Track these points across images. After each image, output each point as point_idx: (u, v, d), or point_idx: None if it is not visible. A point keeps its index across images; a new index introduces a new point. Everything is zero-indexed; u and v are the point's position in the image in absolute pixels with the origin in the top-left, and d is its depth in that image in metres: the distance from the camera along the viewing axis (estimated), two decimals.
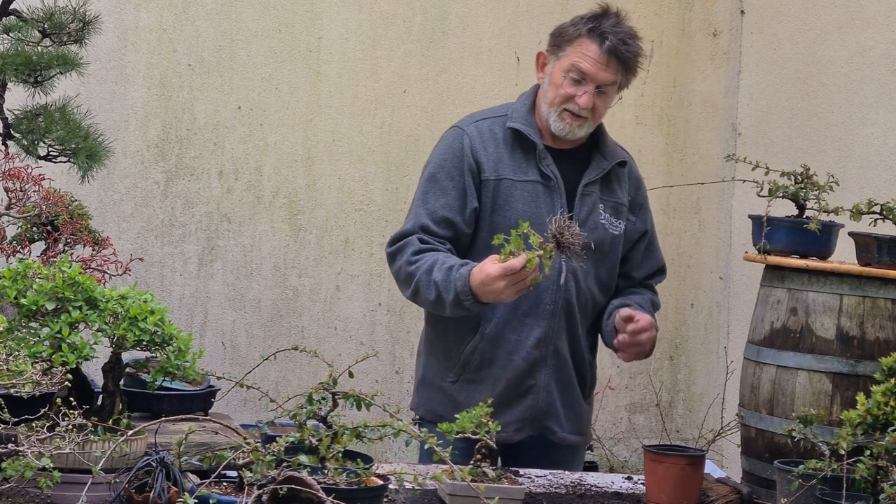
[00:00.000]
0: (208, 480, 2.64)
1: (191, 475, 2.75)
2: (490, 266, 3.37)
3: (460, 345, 3.69)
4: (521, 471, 3.52)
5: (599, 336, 3.84)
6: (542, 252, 3.27)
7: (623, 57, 3.62)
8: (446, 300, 3.50)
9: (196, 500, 2.55)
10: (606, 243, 3.72)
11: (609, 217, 3.73)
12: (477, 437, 3.02)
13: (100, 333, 2.77)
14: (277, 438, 2.72)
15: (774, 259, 3.32)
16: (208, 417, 3.19)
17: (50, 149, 3.62)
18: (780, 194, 3.36)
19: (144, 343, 2.80)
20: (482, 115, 3.79)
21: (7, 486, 2.59)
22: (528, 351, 3.64)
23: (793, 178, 3.40)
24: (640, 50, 3.68)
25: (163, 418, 2.84)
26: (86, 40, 3.71)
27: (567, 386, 3.71)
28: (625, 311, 3.60)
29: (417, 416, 3.76)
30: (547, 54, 3.71)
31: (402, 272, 3.61)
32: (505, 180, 3.65)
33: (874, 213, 3.35)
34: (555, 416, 3.69)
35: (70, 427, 2.65)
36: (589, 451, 5.19)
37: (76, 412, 2.67)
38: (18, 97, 3.69)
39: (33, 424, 2.70)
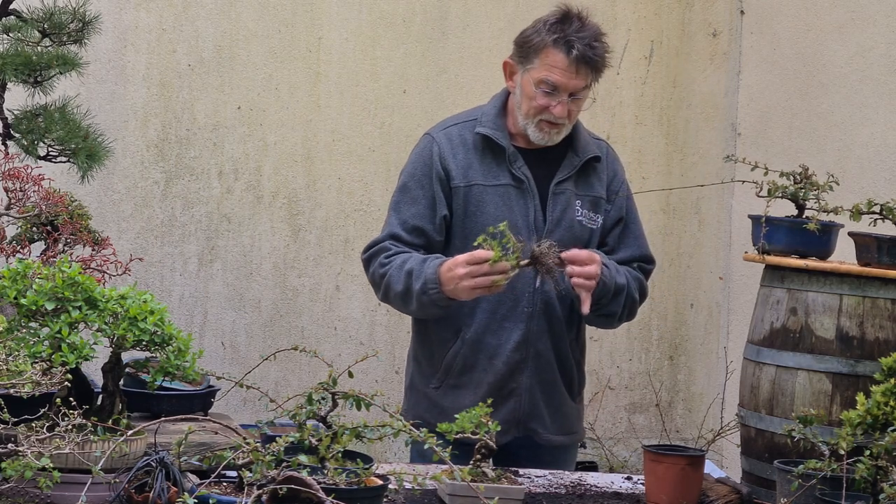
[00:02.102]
0: (208, 480, 2.64)
1: (191, 475, 2.75)
2: (461, 255, 3.44)
3: (443, 350, 3.71)
4: (521, 471, 3.52)
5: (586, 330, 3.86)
6: (513, 256, 3.29)
7: (591, 62, 3.59)
8: (414, 288, 3.53)
9: (196, 500, 2.55)
10: (584, 240, 3.70)
11: (587, 213, 3.71)
12: (476, 437, 3.02)
13: (100, 333, 2.78)
14: (277, 438, 2.72)
15: (774, 259, 3.32)
16: (208, 417, 3.19)
17: (50, 149, 3.62)
18: (780, 194, 3.36)
19: (144, 343, 2.80)
20: (453, 120, 3.79)
21: (7, 486, 2.59)
22: (508, 354, 3.65)
23: (792, 178, 3.40)
24: (607, 48, 3.65)
25: (163, 418, 2.84)
26: (86, 40, 3.71)
27: (551, 387, 3.71)
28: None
29: None
30: (514, 63, 3.68)
31: (375, 275, 3.67)
32: (476, 186, 3.65)
33: (874, 213, 3.35)
34: (539, 417, 3.69)
35: (70, 427, 2.65)
36: (582, 448, 5.18)
37: (76, 412, 2.67)
38: (18, 97, 3.69)
39: (33, 424, 2.70)
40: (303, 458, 2.70)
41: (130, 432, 2.73)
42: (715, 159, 5.67)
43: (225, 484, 2.77)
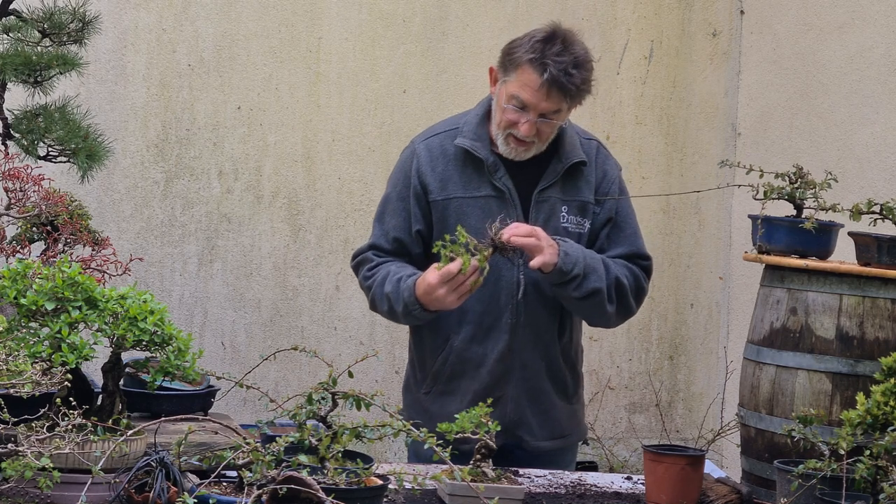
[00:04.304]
0: (208, 480, 2.64)
1: (191, 475, 2.75)
2: (430, 275, 3.45)
3: (433, 357, 3.72)
4: (521, 471, 3.52)
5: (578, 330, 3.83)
6: (478, 255, 3.33)
7: (564, 88, 3.50)
8: (398, 311, 3.59)
9: (196, 500, 2.55)
10: None
11: (574, 218, 3.66)
12: (476, 437, 3.03)
13: (100, 333, 2.78)
14: (277, 438, 2.73)
15: (774, 259, 3.32)
16: (208, 417, 3.19)
17: (50, 149, 3.62)
18: (776, 196, 3.36)
19: (144, 343, 2.80)
20: (438, 128, 3.76)
21: (7, 486, 2.59)
22: (492, 364, 3.64)
23: (787, 178, 3.40)
24: (586, 76, 3.55)
25: (163, 418, 2.84)
26: (86, 40, 3.71)
27: (539, 395, 3.70)
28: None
29: None
30: (497, 71, 3.63)
31: (362, 286, 3.74)
32: (455, 199, 3.63)
33: (874, 212, 3.35)
34: (526, 425, 3.67)
35: (70, 427, 2.65)
36: (583, 446, 5.16)
37: (76, 412, 2.67)
38: (18, 97, 3.70)
39: (33, 424, 2.70)
40: (303, 458, 2.70)
41: (130, 432, 2.73)
42: (715, 159, 5.67)
43: (225, 484, 2.77)
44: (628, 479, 3.56)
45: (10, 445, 2.61)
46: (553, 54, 3.50)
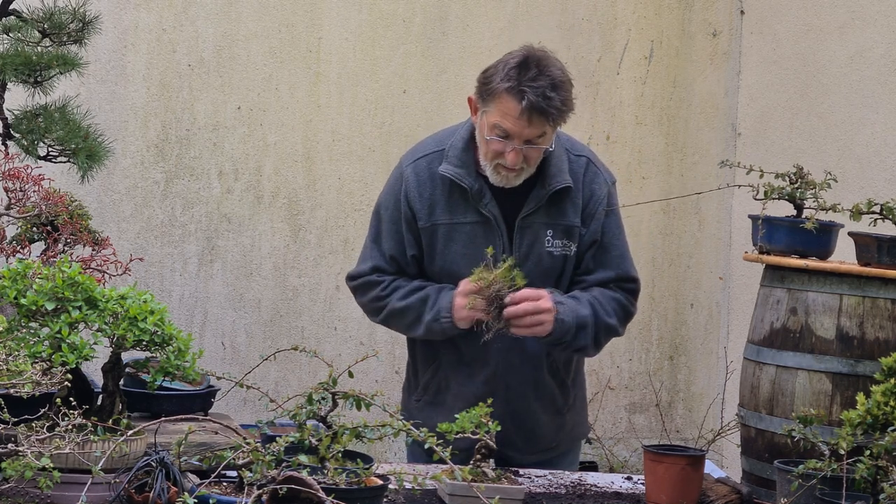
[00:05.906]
0: (208, 480, 2.65)
1: (191, 475, 2.75)
2: (464, 283, 3.50)
3: (425, 368, 3.74)
4: (521, 471, 3.52)
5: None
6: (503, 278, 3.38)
7: (544, 112, 3.45)
8: (425, 317, 3.59)
9: (196, 500, 2.55)
10: (557, 269, 3.63)
11: (559, 241, 3.62)
12: (476, 436, 3.03)
13: (100, 333, 2.78)
14: (277, 438, 2.73)
15: (774, 259, 3.32)
16: (208, 417, 3.19)
17: (50, 149, 3.63)
18: (776, 196, 3.36)
19: (144, 343, 2.80)
20: (425, 148, 3.72)
21: (7, 486, 2.59)
22: (476, 386, 3.64)
23: (787, 178, 3.40)
24: (566, 97, 3.49)
25: (163, 418, 2.84)
26: (86, 40, 3.71)
27: (524, 415, 3.68)
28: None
29: None
30: (476, 101, 3.58)
31: (371, 304, 3.73)
32: (441, 225, 3.62)
33: (874, 213, 3.35)
34: (511, 444, 3.63)
35: (70, 427, 2.65)
36: (587, 444, 5.15)
37: (76, 412, 2.67)
38: (18, 97, 3.70)
39: (33, 424, 2.70)
40: (303, 458, 2.70)
41: (130, 432, 2.73)
42: (715, 159, 5.67)
43: (225, 484, 2.77)
44: (628, 479, 3.56)
45: (10, 445, 2.61)
46: (529, 80, 3.45)
